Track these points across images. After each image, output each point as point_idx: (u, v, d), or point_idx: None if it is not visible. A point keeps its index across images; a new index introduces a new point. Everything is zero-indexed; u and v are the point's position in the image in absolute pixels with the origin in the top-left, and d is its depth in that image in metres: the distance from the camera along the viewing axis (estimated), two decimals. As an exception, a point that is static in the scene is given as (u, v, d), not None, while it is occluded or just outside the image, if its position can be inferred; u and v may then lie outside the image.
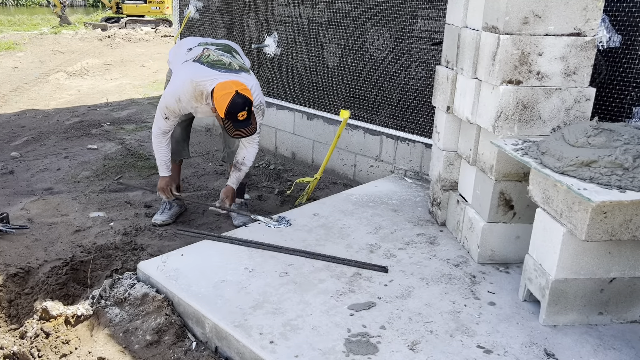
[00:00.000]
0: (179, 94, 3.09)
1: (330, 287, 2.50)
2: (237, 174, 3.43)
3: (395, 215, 3.32)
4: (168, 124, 3.24)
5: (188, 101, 3.12)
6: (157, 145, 3.32)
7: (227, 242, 2.89)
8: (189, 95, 3.09)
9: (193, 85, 3.06)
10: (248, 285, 2.50)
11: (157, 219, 3.59)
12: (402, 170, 3.99)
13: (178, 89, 3.10)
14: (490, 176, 2.63)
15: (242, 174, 3.43)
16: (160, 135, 3.28)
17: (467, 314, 2.34)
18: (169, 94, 3.13)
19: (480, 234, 2.71)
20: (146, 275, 2.62)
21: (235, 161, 3.42)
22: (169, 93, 3.14)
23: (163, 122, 3.22)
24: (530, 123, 2.54)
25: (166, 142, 3.32)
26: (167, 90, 3.18)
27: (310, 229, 3.08)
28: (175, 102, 3.11)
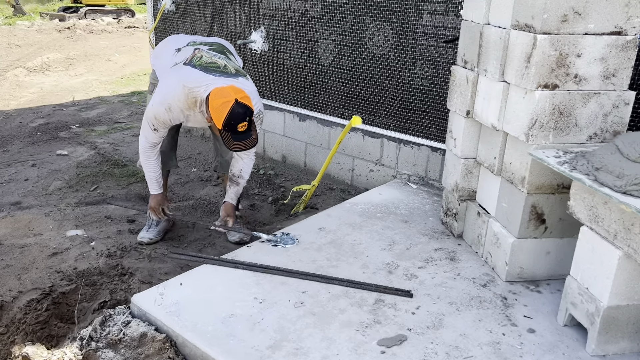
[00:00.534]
0: (170, 102, 2.76)
1: (354, 318, 2.24)
2: (235, 189, 3.12)
3: (407, 227, 3.07)
4: (157, 136, 2.90)
5: (180, 110, 2.79)
6: (146, 159, 2.97)
7: (230, 266, 2.59)
8: (181, 104, 2.76)
9: (185, 91, 2.73)
10: (261, 319, 2.22)
11: (144, 237, 3.25)
12: (406, 175, 3.75)
13: (168, 97, 2.76)
14: (522, 189, 2.41)
15: (240, 188, 3.12)
16: (148, 149, 2.94)
17: (508, 344, 2.12)
18: (157, 103, 2.79)
19: (510, 251, 2.49)
20: (142, 310, 2.30)
21: (231, 174, 3.11)
22: (157, 101, 2.79)
23: (151, 134, 2.88)
24: (566, 131, 2.32)
25: (155, 155, 2.98)
26: (155, 98, 2.83)
27: (320, 247, 2.81)
28: (165, 111, 2.77)
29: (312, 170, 4.35)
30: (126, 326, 2.27)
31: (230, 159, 3.27)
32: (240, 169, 3.06)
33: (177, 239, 3.37)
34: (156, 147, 2.95)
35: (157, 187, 3.07)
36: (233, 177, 3.09)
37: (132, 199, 3.96)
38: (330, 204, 3.89)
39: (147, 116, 2.83)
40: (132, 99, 7.19)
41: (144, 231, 3.30)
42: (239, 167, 3.06)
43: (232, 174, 3.09)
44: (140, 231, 3.33)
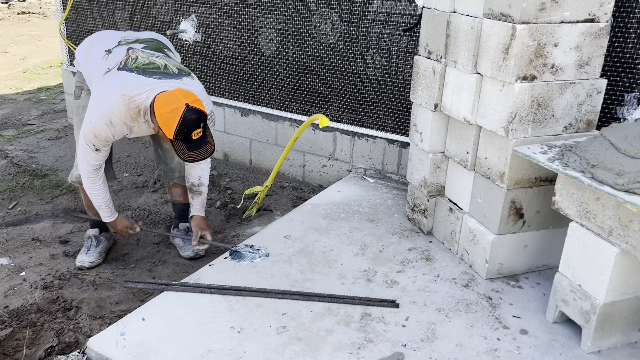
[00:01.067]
0: (109, 115, 2.39)
1: (344, 340, 2.07)
2: (199, 199, 2.81)
3: (374, 227, 2.93)
4: (100, 156, 2.53)
5: (122, 123, 2.43)
6: (91, 184, 2.59)
7: (196, 291, 2.33)
8: (123, 115, 2.41)
9: (125, 101, 2.38)
10: (244, 353, 1.99)
11: (84, 260, 2.88)
12: (362, 169, 3.60)
13: (107, 110, 2.39)
14: (501, 184, 2.33)
15: (204, 196, 2.82)
16: (92, 173, 2.56)
17: (506, 350, 2.04)
18: (96, 118, 2.41)
19: (490, 248, 2.42)
20: (102, 356, 2.00)
21: (189, 185, 2.80)
22: (95, 117, 2.41)
23: (93, 155, 2.50)
24: (544, 123, 2.26)
25: (101, 179, 2.61)
26: (91, 113, 2.44)
27: (289, 259, 2.60)
28: (106, 127, 2.41)
29: (259, 168, 4.10)
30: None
31: (176, 166, 2.96)
32: (198, 177, 2.77)
33: (121, 259, 3.02)
34: (100, 169, 2.58)
35: (109, 212, 2.71)
36: (193, 187, 2.79)
37: (60, 215, 3.53)
38: (283, 204, 3.68)
39: (86, 135, 2.45)
40: (40, 96, 6.49)
41: (82, 254, 2.92)
42: (197, 175, 2.76)
43: (191, 184, 2.78)
44: (78, 254, 2.94)
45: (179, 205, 3.08)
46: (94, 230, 2.99)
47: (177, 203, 3.08)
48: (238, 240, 3.17)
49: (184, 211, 3.08)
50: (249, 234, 3.23)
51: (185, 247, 3.00)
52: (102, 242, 2.98)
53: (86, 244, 2.96)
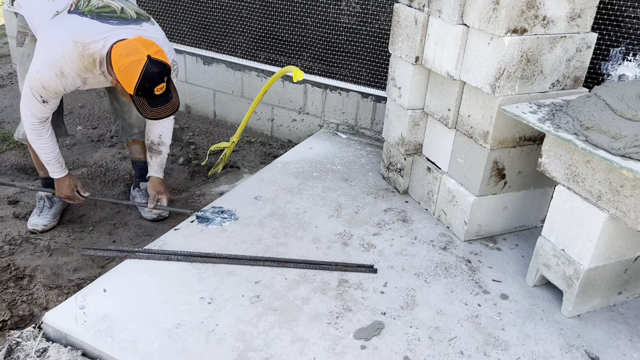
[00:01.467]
0: (60, 65, 2.13)
1: (321, 309, 1.97)
2: (158, 159, 2.60)
3: (348, 186, 2.81)
4: (47, 109, 2.26)
5: (76, 74, 2.17)
6: (37, 138, 2.33)
7: (161, 258, 2.17)
8: (76, 66, 2.15)
9: (79, 49, 2.11)
10: (215, 325, 1.87)
11: (37, 223, 2.66)
12: (334, 124, 3.44)
13: (57, 58, 2.12)
14: (484, 144, 2.22)
15: (164, 157, 2.61)
16: (37, 125, 2.30)
17: (487, 317, 1.99)
18: (45, 68, 2.13)
19: (469, 210, 2.34)
20: (60, 331, 1.84)
21: (149, 143, 2.58)
22: (44, 66, 2.14)
23: (39, 107, 2.23)
24: (531, 79, 2.14)
25: (48, 132, 2.35)
26: (38, 62, 2.15)
27: (261, 221, 2.46)
28: (56, 78, 2.14)
29: (223, 121, 3.87)
30: (42, 356, 1.81)
31: (135, 121, 2.72)
32: (159, 135, 2.55)
33: (77, 220, 2.81)
34: (47, 121, 2.33)
35: (59, 168, 2.46)
36: (152, 145, 2.57)
37: (9, 172, 3.26)
38: (251, 160, 3.50)
39: (32, 85, 2.17)
40: (-21, 38, 5.95)
41: (34, 216, 2.70)
42: (157, 133, 2.54)
43: (151, 142, 2.56)
44: (30, 216, 2.72)
45: (139, 163, 2.86)
46: (46, 190, 2.76)
47: (137, 161, 2.86)
48: (204, 200, 3.00)
49: (144, 169, 2.86)
50: (216, 193, 3.07)
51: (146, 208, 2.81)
52: (55, 202, 2.75)
53: (38, 205, 2.73)
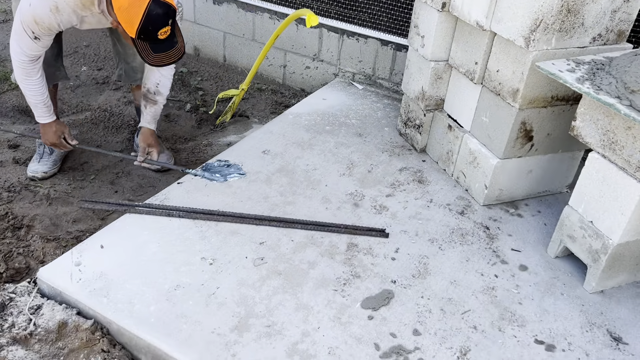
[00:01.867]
0: (56, 0, 1.95)
1: (328, 274, 1.87)
2: (152, 110, 2.44)
3: (362, 142, 2.65)
4: (39, 47, 2.10)
5: (71, 10, 1.99)
6: (25, 78, 2.18)
7: (162, 214, 2.06)
8: (72, 2, 1.97)
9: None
10: (216, 288, 1.78)
11: (37, 170, 2.56)
12: (350, 73, 3.23)
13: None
14: (512, 103, 2.04)
15: (159, 107, 2.45)
16: (27, 64, 2.14)
17: (504, 289, 1.88)
18: (37, 1, 1.96)
19: (491, 173, 2.18)
20: (55, 289, 1.76)
21: (145, 90, 2.41)
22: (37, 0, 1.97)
23: (30, 44, 2.07)
24: (570, 33, 1.92)
25: (38, 72, 2.20)
26: None
27: (268, 178, 2.33)
28: (50, 13, 1.97)
29: (233, 67, 3.68)
30: (36, 313, 1.74)
31: (139, 66, 2.56)
32: (156, 83, 2.38)
33: (79, 168, 2.70)
34: (38, 61, 2.17)
35: (47, 113, 2.33)
36: (148, 94, 2.41)
37: (9, 114, 3.14)
38: (261, 109, 3.34)
39: (24, 19, 2.00)
40: (-16, -31, 5.70)
41: (34, 162, 2.59)
42: (155, 81, 2.38)
43: (147, 90, 2.40)
44: (30, 162, 2.61)
45: None
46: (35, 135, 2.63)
47: None
48: (211, 150, 2.87)
49: None
50: (223, 144, 2.93)
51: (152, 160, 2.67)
52: None
53: (38, 151, 2.62)
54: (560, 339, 1.71)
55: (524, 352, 1.65)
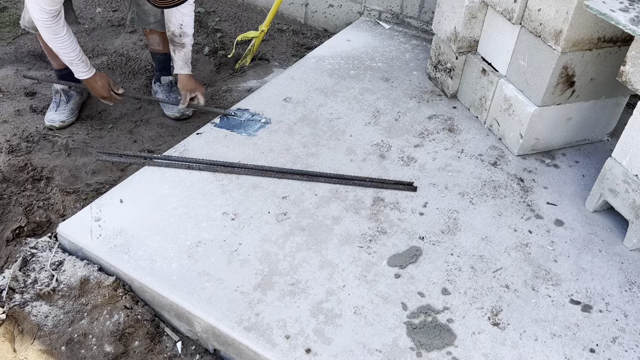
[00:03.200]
0: None
1: (353, 230, 1.80)
2: (182, 53, 2.31)
3: (389, 87, 2.51)
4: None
5: None
6: (53, 37, 2.05)
7: (182, 166, 2.00)
8: None
9: None
10: (239, 245, 1.73)
11: (54, 119, 2.49)
12: (376, 11, 3.04)
13: None
14: (554, 45, 1.87)
15: (188, 49, 2.31)
16: (50, 22, 2.00)
17: (538, 245, 1.79)
18: None
19: (528, 121, 2.05)
20: (76, 244, 1.74)
21: (170, 34, 2.28)
22: None
23: None
24: (624, -34, 1.72)
25: (64, 27, 2.06)
26: None
27: (290, 127, 2.23)
28: None
29: (253, 6, 3.50)
30: (58, 269, 1.72)
31: (150, 9, 2.41)
32: (179, 24, 2.23)
33: (97, 116, 2.63)
34: (60, 15, 2.03)
35: (85, 67, 2.19)
36: (174, 37, 2.27)
37: (25, 59, 3.06)
38: (282, 52, 3.19)
39: None
40: None
41: (51, 111, 2.53)
42: (177, 22, 2.23)
43: (172, 34, 2.26)
44: (47, 111, 2.55)
45: (159, 55, 2.60)
46: (62, 82, 2.57)
47: (157, 52, 2.60)
48: (230, 96, 2.76)
49: (164, 62, 2.61)
50: (243, 90, 2.82)
51: (170, 106, 2.59)
52: (73, 97, 2.56)
53: (55, 99, 2.55)
54: (598, 299, 1.63)
55: (559, 313, 1.58)
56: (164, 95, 2.63)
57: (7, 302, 1.66)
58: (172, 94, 2.61)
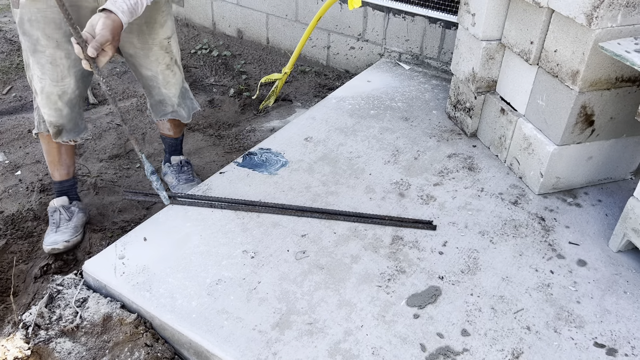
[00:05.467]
0: None
1: (372, 269, 1.80)
2: None
3: (408, 127, 2.54)
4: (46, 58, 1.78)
5: None
6: None
7: (205, 205, 2.04)
8: None
9: None
10: (257, 283, 1.75)
11: (57, 240, 2.12)
12: (396, 52, 3.11)
13: None
14: (572, 86, 1.88)
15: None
16: None
17: (560, 286, 1.76)
18: None
19: (548, 160, 2.04)
20: (100, 282, 1.78)
21: None
22: None
23: None
24: (638, 8, 1.74)
25: None
26: None
27: (310, 166, 2.27)
28: None
29: (277, 49, 3.61)
30: (82, 306, 1.76)
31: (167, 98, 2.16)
32: None
33: (125, 156, 2.72)
34: None
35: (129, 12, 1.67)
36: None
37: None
38: (304, 92, 3.27)
39: None
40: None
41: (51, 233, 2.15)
42: None
43: None
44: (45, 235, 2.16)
45: (169, 140, 2.44)
46: (60, 199, 2.23)
47: (167, 137, 2.43)
48: (254, 136, 2.84)
49: (175, 146, 2.46)
50: (267, 129, 2.89)
51: (179, 187, 2.38)
52: (75, 214, 2.21)
53: (53, 220, 2.18)
54: (623, 342, 1.58)
55: (582, 356, 1.54)
56: (173, 177, 2.42)
57: (33, 338, 1.70)
58: (181, 175, 2.42)
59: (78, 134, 2.08)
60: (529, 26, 2.03)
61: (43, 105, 1.95)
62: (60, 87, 1.92)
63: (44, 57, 1.85)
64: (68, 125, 2.02)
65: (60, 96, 1.93)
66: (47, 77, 1.88)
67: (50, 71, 1.87)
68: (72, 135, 2.06)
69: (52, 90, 1.91)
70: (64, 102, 1.95)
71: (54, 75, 1.88)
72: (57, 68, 1.88)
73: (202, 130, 2.93)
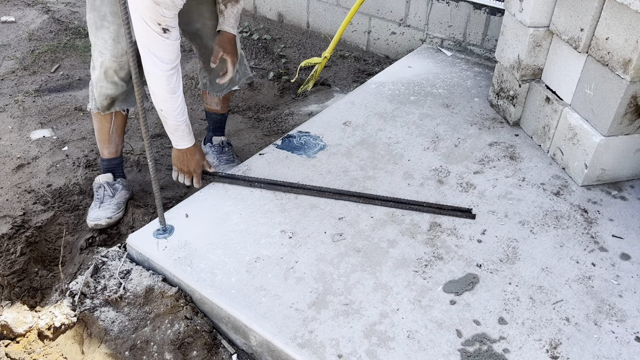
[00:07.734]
0: None
1: (409, 254, 1.80)
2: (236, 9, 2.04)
3: (449, 113, 2.52)
4: (171, 40, 1.70)
5: None
6: (170, 95, 1.81)
7: (244, 184, 2.08)
8: None
9: None
10: (295, 263, 1.77)
11: (99, 216, 2.16)
12: (438, 39, 3.07)
13: None
14: (623, 75, 1.83)
15: (240, 5, 2.05)
16: (171, 75, 1.77)
17: (601, 279, 1.73)
18: None
19: (594, 151, 2.00)
20: (143, 255, 1.84)
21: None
22: None
23: (163, 42, 1.69)
24: (699, -6, 1.68)
25: (180, 81, 1.83)
26: None
27: (349, 151, 2.28)
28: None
29: (316, 33, 3.61)
30: (125, 277, 1.82)
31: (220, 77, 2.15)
32: None
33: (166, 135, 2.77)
34: (178, 66, 1.80)
35: (189, 133, 1.94)
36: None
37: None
38: (343, 77, 3.26)
39: (142, 12, 1.62)
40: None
41: (95, 209, 2.20)
42: None
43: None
44: (89, 209, 2.22)
45: (215, 115, 2.46)
46: (105, 176, 2.27)
47: (213, 112, 2.46)
48: (292, 120, 2.85)
49: (220, 122, 2.49)
50: (305, 113, 2.90)
51: (220, 167, 2.39)
52: (118, 190, 2.25)
53: (97, 195, 2.23)
54: (666, 339, 1.55)
55: (623, 350, 1.52)
56: (214, 157, 2.44)
57: (79, 306, 1.77)
58: (223, 155, 2.43)
59: (131, 105, 2.14)
60: (579, 12, 1.97)
61: (100, 79, 2.03)
62: (118, 63, 1.99)
63: (108, 32, 1.94)
64: (121, 97, 2.10)
65: (116, 71, 2.01)
66: (107, 52, 1.96)
67: (112, 47, 1.95)
68: (125, 105, 2.12)
69: (111, 65, 1.99)
70: (119, 77, 2.03)
71: (114, 52, 1.96)
72: (119, 45, 1.95)
73: (242, 112, 2.97)
